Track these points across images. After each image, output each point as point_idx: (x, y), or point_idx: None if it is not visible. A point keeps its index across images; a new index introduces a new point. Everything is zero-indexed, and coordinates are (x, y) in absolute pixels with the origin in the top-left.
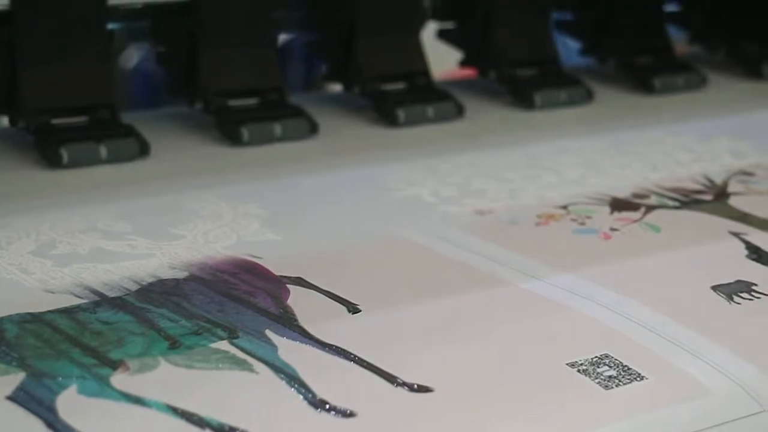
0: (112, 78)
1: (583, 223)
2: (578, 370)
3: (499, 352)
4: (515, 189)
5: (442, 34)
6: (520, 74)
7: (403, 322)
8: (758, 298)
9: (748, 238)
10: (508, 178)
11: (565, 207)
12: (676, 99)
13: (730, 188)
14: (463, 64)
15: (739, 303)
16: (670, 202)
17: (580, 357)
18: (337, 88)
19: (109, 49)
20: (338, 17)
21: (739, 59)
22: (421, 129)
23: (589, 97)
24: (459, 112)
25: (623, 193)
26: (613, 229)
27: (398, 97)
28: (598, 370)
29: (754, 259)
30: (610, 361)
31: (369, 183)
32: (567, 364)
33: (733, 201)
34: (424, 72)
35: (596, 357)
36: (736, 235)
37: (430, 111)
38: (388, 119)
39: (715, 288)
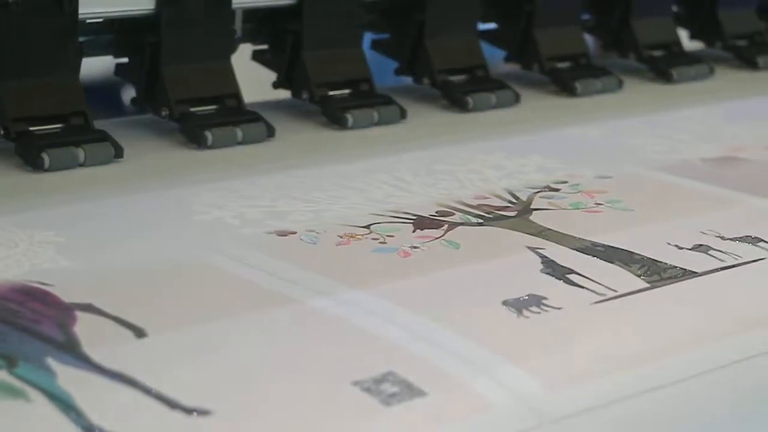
0: None
1: (384, 242)
2: (362, 389)
3: (285, 372)
4: (320, 210)
5: (257, 56)
6: (332, 95)
7: (189, 345)
8: (547, 311)
9: (544, 252)
10: (315, 199)
11: (368, 226)
12: (489, 116)
13: (535, 204)
14: (277, 86)
15: (527, 317)
16: (474, 219)
17: (365, 375)
18: None
19: None
20: (146, 41)
21: (553, 77)
22: (231, 151)
23: (402, 116)
24: (270, 134)
25: (428, 211)
26: (413, 247)
27: (206, 119)
28: (381, 387)
29: (548, 273)
30: (394, 379)
31: (173, 207)
32: (352, 382)
33: (535, 216)
34: (235, 94)
35: (381, 374)
36: (533, 249)
37: (239, 133)
38: (198, 142)
39: (505, 302)
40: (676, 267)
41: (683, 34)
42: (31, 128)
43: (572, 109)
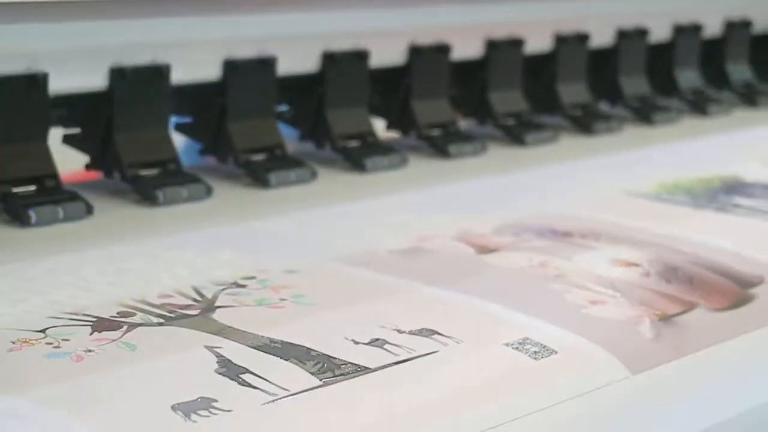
0: None
1: (58, 347)
2: None
3: None
4: None
5: None
6: (15, 192)
7: None
8: (216, 414)
9: (222, 351)
10: None
11: (44, 330)
12: (180, 210)
13: (219, 301)
14: None
15: (195, 421)
16: (155, 319)
17: None
18: None
19: None
20: None
21: (247, 169)
22: None
23: (89, 211)
24: None
25: (109, 312)
26: (88, 351)
27: None
28: None
29: (222, 374)
30: None
31: None
32: None
33: (218, 314)
34: None
35: None
36: (210, 349)
37: None
38: None
39: (174, 407)
40: (350, 363)
41: (380, 124)
42: None
43: (265, 201)
